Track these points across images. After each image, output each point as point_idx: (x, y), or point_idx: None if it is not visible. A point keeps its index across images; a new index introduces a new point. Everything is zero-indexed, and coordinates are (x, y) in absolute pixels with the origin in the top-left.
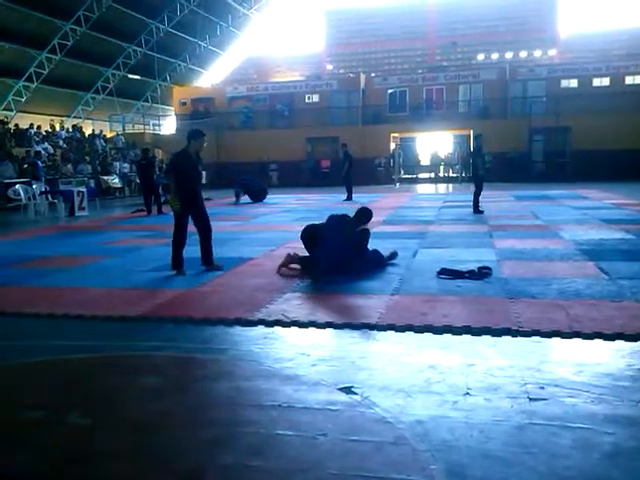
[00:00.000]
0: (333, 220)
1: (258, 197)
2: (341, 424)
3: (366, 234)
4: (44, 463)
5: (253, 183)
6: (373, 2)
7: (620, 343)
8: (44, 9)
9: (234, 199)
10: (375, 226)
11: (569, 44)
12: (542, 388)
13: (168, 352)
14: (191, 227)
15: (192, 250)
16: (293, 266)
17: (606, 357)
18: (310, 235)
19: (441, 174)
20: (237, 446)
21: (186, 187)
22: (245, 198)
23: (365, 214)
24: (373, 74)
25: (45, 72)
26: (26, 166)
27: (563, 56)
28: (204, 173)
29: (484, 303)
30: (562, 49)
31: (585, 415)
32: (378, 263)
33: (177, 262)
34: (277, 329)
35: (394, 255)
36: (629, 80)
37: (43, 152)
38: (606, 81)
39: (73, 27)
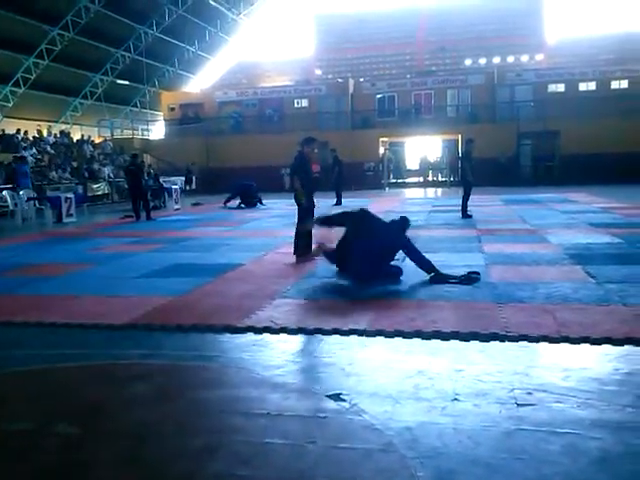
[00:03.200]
0: (393, 226)
1: (252, 202)
2: (330, 431)
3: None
4: (32, 475)
5: (251, 188)
6: (362, 7)
7: (607, 347)
8: (32, 14)
9: (224, 203)
10: None
11: (556, 49)
12: (530, 393)
13: (157, 360)
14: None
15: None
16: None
17: (593, 361)
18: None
19: (430, 178)
20: (226, 455)
21: (306, 184)
22: (232, 203)
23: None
24: (362, 79)
25: (32, 77)
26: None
27: (550, 61)
28: (193, 178)
29: (473, 308)
30: (549, 54)
31: (573, 420)
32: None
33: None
34: (266, 336)
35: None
36: (615, 85)
37: (30, 158)
38: (592, 86)
39: (61, 32)
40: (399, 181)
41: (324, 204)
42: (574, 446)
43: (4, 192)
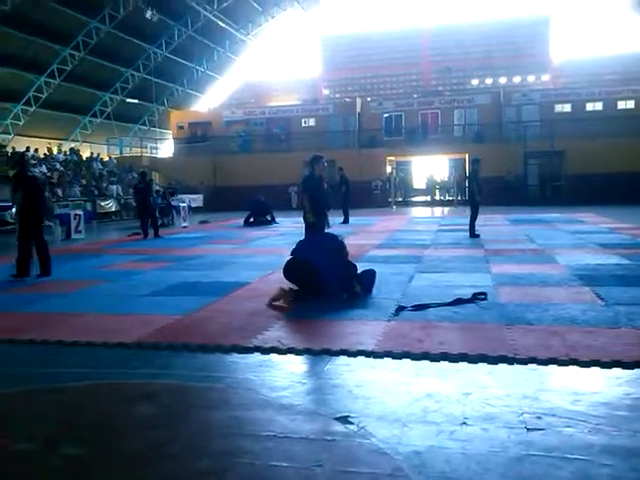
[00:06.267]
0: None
1: (263, 220)
2: (337, 455)
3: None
4: None
5: (261, 204)
6: (368, 28)
7: (617, 371)
8: (44, 35)
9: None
10: (371, 249)
11: (562, 69)
12: (539, 418)
13: (164, 380)
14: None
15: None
16: (282, 302)
17: (603, 385)
18: (299, 267)
19: (437, 197)
20: (232, 477)
21: (316, 202)
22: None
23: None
24: (369, 99)
25: (44, 96)
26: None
27: (556, 81)
28: (200, 196)
29: (480, 330)
30: (555, 74)
31: (583, 446)
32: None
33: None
34: (273, 356)
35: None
36: (621, 105)
37: (39, 175)
38: (599, 106)
39: (72, 52)
40: (406, 200)
41: (331, 222)
42: (584, 472)
43: (13, 209)
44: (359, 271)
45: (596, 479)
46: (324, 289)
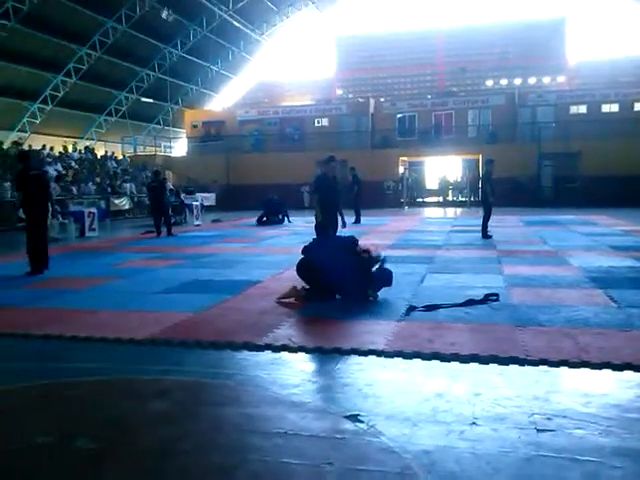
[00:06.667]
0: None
1: (275, 219)
2: (347, 453)
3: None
4: None
5: (273, 203)
6: (383, 28)
7: (629, 373)
8: (61, 34)
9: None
10: (383, 250)
11: (578, 71)
12: (549, 419)
13: (176, 376)
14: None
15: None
16: (294, 300)
17: (614, 388)
18: (308, 267)
19: (449, 198)
20: (243, 474)
21: (327, 203)
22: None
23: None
24: (382, 99)
25: (60, 95)
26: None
27: (572, 82)
28: (213, 195)
29: (492, 331)
30: (571, 75)
31: (593, 448)
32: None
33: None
34: (284, 354)
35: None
36: (638, 107)
37: (54, 172)
38: (615, 107)
39: (88, 52)
40: (418, 200)
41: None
42: (595, 474)
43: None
44: (377, 267)
45: None
46: (333, 290)
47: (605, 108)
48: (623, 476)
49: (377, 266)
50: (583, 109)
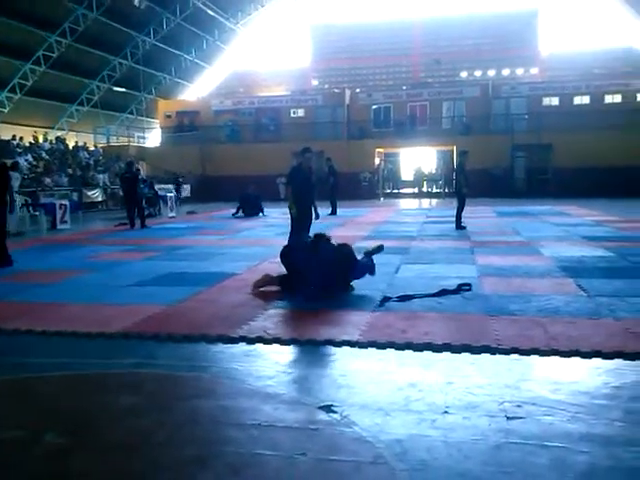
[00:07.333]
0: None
1: (252, 212)
2: (320, 443)
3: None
4: None
5: (250, 197)
6: (359, 18)
7: (597, 361)
8: (30, 21)
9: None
10: (358, 241)
11: (550, 62)
12: (519, 406)
13: (149, 370)
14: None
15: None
16: (269, 287)
17: (583, 375)
18: (289, 255)
19: (424, 189)
20: (216, 465)
21: (301, 195)
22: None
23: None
24: (358, 90)
25: (29, 83)
26: None
27: (544, 74)
28: (188, 186)
29: (464, 320)
30: (544, 67)
31: (561, 434)
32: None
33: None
34: (259, 346)
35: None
36: (608, 99)
37: (24, 163)
38: (586, 99)
39: (58, 39)
40: (394, 192)
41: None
42: (562, 460)
43: None
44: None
45: (573, 466)
46: (315, 284)
47: (577, 100)
48: (589, 461)
49: (365, 254)
50: (555, 101)
